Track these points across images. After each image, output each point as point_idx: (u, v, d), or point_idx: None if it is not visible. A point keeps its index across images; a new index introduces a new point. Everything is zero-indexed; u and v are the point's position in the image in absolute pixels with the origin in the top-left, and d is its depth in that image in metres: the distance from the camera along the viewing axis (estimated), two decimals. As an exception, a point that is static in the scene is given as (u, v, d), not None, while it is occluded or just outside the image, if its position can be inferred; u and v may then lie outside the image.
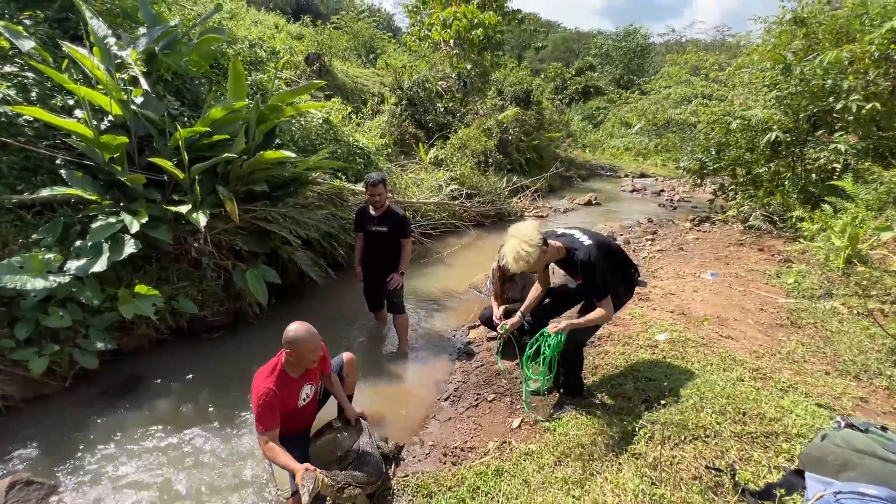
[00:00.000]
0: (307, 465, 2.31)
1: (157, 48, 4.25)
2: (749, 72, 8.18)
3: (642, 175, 18.32)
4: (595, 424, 2.56)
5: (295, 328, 2.42)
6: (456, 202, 8.23)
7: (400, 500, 2.45)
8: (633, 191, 14.28)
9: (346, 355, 2.96)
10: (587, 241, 2.65)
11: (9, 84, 3.76)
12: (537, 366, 2.78)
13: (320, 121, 6.43)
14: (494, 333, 3.40)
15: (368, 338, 4.51)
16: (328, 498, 2.26)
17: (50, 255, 3.29)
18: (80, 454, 2.91)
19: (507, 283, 3.90)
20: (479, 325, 4.57)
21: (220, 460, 2.90)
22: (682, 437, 2.18)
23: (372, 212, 3.97)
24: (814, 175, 6.86)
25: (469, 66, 13.42)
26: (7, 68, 3.87)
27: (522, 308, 3.22)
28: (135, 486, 2.67)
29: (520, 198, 10.68)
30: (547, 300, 3.11)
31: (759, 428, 2.24)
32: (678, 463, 1.99)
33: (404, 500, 2.44)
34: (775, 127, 6.76)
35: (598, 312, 2.61)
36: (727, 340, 3.53)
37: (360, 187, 6.17)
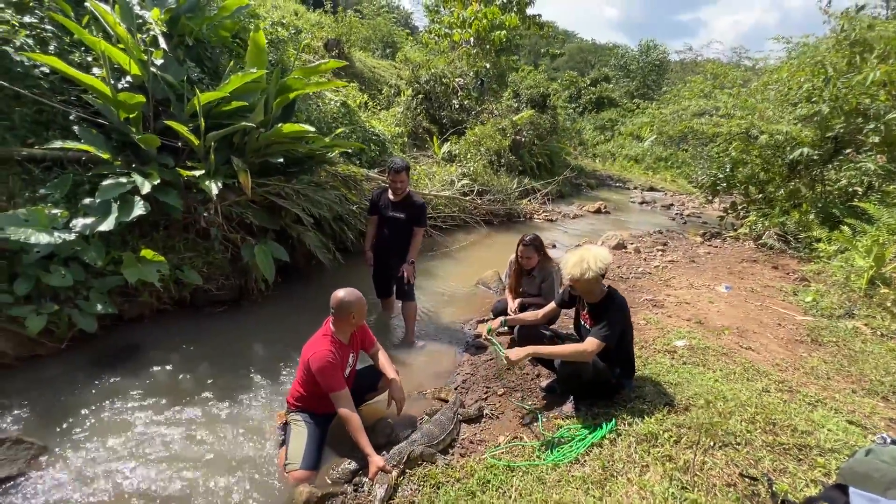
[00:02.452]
0: (384, 461, 2.34)
1: (180, 10, 4.15)
2: (776, 89, 8.07)
3: (651, 189, 18.23)
4: (614, 425, 2.45)
5: (345, 292, 2.61)
6: (467, 198, 8.12)
7: (405, 489, 2.33)
8: (642, 202, 14.19)
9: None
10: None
11: (27, 33, 3.65)
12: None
13: (338, 104, 6.32)
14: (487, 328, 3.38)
15: (374, 326, 4.37)
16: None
17: (56, 211, 3.18)
18: (72, 417, 2.79)
19: (525, 278, 3.79)
20: (487, 320, 4.45)
21: (215, 430, 2.78)
22: (712, 443, 2.07)
23: (391, 196, 3.87)
24: (835, 195, 6.75)
25: (488, 65, 13.32)
26: (27, 19, 3.76)
27: (510, 318, 3.37)
28: (126, 452, 2.55)
29: (530, 200, 10.58)
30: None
31: (792, 440, 2.13)
32: (709, 469, 1.87)
33: (409, 490, 2.32)
34: (806, 142, 6.65)
35: (578, 346, 2.63)
36: (748, 352, 3.42)
37: (374, 173, 6.07)
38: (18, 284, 3.14)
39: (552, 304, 3.11)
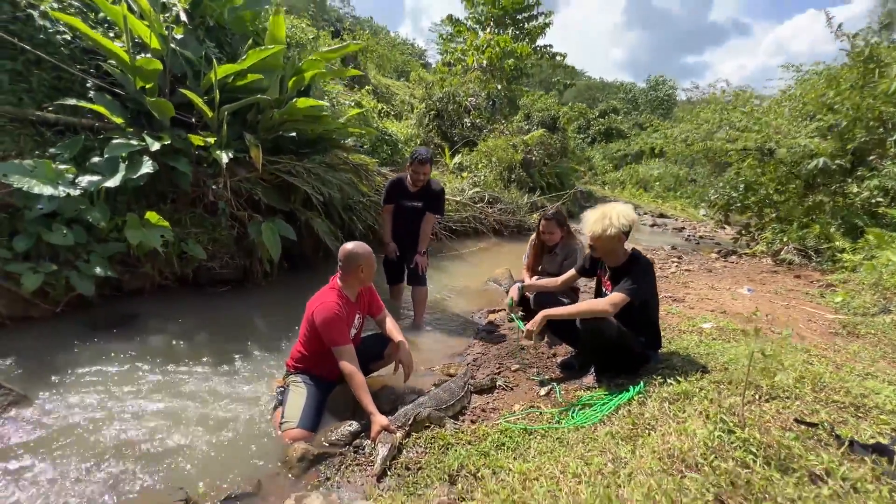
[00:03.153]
0: (387, 421, 2.16)
1: (203, -7, 4.24)
2: (790, 106, 8.06)
3: (662, 215, 18.08)
4: (643, 387, 2.22)
5: (354, 244, 2.48)
6: (478, 205, 8.04)
7: (411, 452, 2.10)
8: (653, 225, 14.03)
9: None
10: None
11: (54, 6, 3.72)
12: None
13: (352, 104, 6.38)
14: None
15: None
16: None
17: (64, 167, 3.12)
18: (59, 373, 2.63)
19: (546, 255, 3.62)
20: (498, 311, 4.25)
21: (206, 393, 2.59)
22: (757, 396, 1.84)
23: (409, 186, 3.74)
24: (857, 206, 6.58)
25: (499, 87, 13.59)
26: (54, -8, 3.85)
27: (528, 285, 3.20)
28: (109, 408, 2.36)
29: (540, 213, 10.48)
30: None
31: (847, 399, 1.89)
32: (760, 416, 1.64)
33: (415, 453, 2.09)
34: (826, 154, 6.55)
35: (599, 301, 2.45)
36: (780, 336, 3.17)
37: (385, 169, 6.04)
38: (18, 241, 3.05)
39: (572, 271, 2.94)
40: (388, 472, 1.95)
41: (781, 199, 8.87)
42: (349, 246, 2.48)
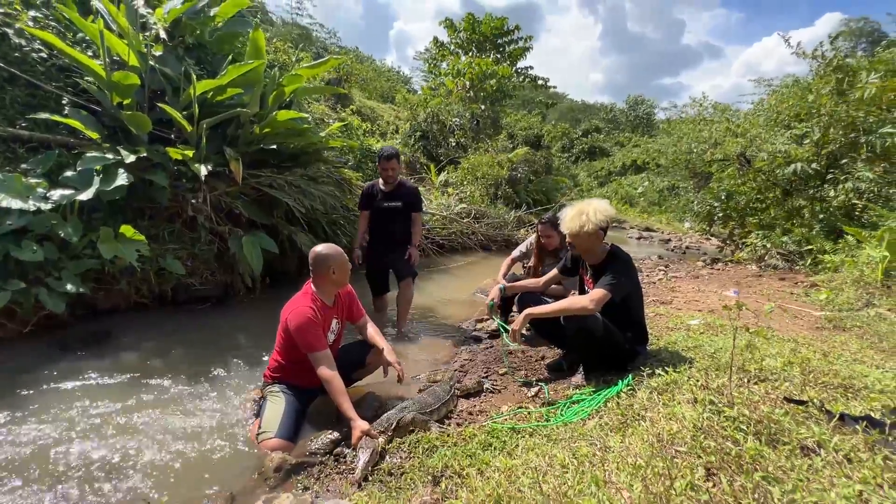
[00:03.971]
0: (369, 426, 2.07)
1: (182, 14, 4.27)
2: (765, 115, 8.34)
3: (647, 229, 18.30)
4: (630, 380, 2.17)
5: (322, 246, 2.40)
6: (465, 220, 8.05)
7: (394, 457, 2.00)
8: (639, 238, 14.18)
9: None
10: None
11: (31, 24, 3.72)
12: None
13: (337, 121, 6.42)
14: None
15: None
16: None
17: (35, 181, 3.04)
18: (23, 393, 2.49)
19: (548, 258, 3.60)
20: (487, 319, 4.18)
21: (179, 407, 2.46)
22: (745, 380, 1.80)
23: (383, 187, 3.76)
24: (835, 209, 6.74)
25: (483, 107, 13.86)
26: (32, 13, 3.85)
27: (510, 286, 3.12)
28: (75, 429, 2.22)
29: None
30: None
31: (836, 381, 1.86)
32: (748, 396, 1.60)
33: (399, 459, 1.99)
34: (802, 159, 6.76)
35: (581, 298, 2.42)
36: (768, 331, 3.16)
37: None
38: (-16, 258, 2.94)
39: (554, 271, 2.91)
40: (370, 478, 1.85)
41: (762, 207, 9.05)
42: (318, 248, 2.40)
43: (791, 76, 8.75)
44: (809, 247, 6.81)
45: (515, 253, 3.95)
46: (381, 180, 3.76)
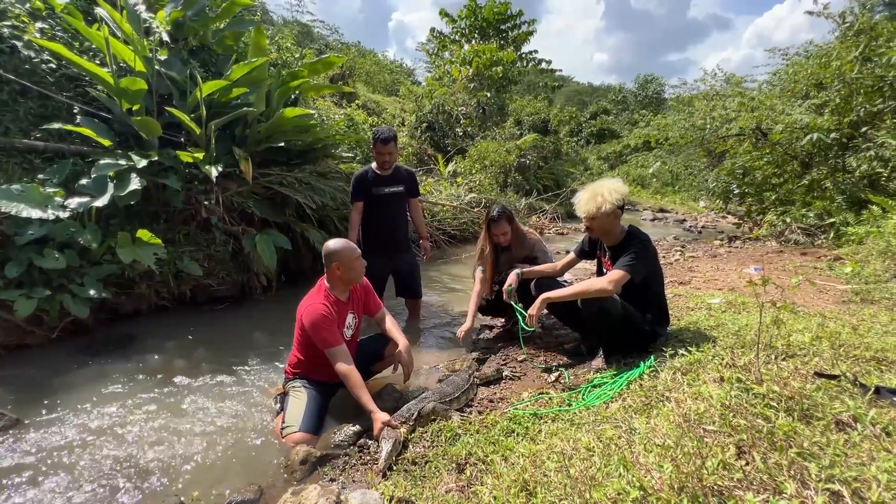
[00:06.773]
0: (389, 417, 2.07)
1: (184, 15, 4.28)
2: (781, 86, 8.08)
3: (661, 210, 18.01)
4: (653, 361, 2.13)
5: (331, 241, 2.38)
6: (475, 209, 8.01)
7: (417, 447, 2.01)
8: (653, 219, 13.97)
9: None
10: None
11: (38, 36, 3.76)
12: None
13: (342, 116, 6.40)
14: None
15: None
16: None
17: (52, 190, 3.10)
18: (53, 397, 2.55)
19: (503, 255, 3.21)
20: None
21: (205, 407, 2.50)
22: (773, 356, 1.75)
23: (378, 172, 3.40)
24: (857, 179, 6.53)
25: (489, 94, 13.70)
26: (38, 24, 3.89)
27: (526, 271, 2.95)
28: (105, 428, 2.28)
29: (538, 217, 10.44)
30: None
31: (868, 354, 1.80)
32: (777, 373, 1.56)
33: (422, 448, 2.00)
34: (820, 129, 6.55)
35: (599, 279, 2.38)
36: (792, 305, 3.08)
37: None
38: (10, 267, 3.01)
39: (571, 255, 2.88)
40: (394, 468, 1.86)
41: (780, 182, 8.81)
42: (328, 243, 2.38)
43: (809, 42, 8.42)
44: (831, 220, 6.62)
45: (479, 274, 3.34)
46: (374, 164, 3.41)
